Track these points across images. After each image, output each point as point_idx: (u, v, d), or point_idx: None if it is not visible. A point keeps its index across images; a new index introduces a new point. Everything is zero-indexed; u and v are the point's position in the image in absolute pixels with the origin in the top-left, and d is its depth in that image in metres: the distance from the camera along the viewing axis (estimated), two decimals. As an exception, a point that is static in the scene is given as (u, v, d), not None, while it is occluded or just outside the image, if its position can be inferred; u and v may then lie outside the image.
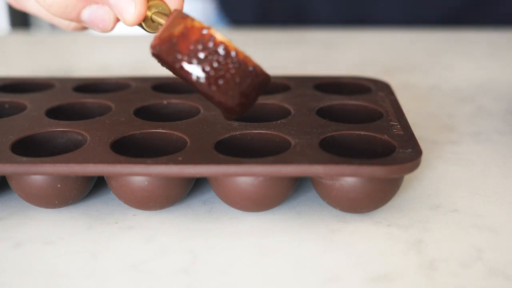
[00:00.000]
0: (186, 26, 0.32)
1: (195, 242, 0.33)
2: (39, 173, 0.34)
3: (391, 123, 0.39)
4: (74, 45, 0.87)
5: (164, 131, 0.38)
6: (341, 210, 0.35)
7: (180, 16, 0.33)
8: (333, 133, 0.37)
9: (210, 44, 0.32)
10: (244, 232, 0.34)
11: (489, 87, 0.60)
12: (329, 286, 0.29)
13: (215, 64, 0.32)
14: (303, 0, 0.86)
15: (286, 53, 0.76)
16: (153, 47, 0.33)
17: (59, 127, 0.39)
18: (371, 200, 0.34)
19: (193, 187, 0.38)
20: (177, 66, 0.32)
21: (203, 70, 0.32)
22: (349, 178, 0.33)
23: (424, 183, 0.39)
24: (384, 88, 0.46)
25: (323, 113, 0.41)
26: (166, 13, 0.36)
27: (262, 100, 0.44)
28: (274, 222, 0.35)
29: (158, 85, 0.49)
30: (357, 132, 0.37)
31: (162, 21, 0.35)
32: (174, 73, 0.34)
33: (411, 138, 0.36)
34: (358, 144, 0.37)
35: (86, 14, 0.37)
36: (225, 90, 0.32)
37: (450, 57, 0.73)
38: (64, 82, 0.50)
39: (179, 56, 0.32)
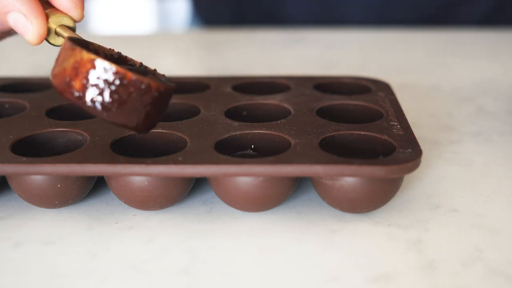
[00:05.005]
0: (76, 59, 0.32)
1: (195, 242, 0.33)
2: (39, 173, 0.34)
3: (391, 123, 0.39)
4: (74, 45, 0.86)
5: (164, 131, 0.38)
6: (341, 210, 0.35)
7: (69, 47, 0.32)
8: (333, 133, 0.37)
9: (101, 73, 0.31)
10: (244, 232, 0.34)
11: (489, 87, 0.60)
12: (329, 286, 0.29)
13: (111, 91, 0.32)
14: (277, 0, 0.86)
15: (286, 53, 0.76)
16: (53, 84, 0.33)
17: (59, 127, 0.39)
18: (371, 200, 0.34)
19: (193, 187, 0.38)
20: (77, 101, 0.32)
21: (101, 100, 0.32)
22: (349, 178, 0.33)
23: (424, 183, 0.39)
24: (384, 88, 0.46)
25: (323, 113, 0.41)
26: (70, 26, 0.36)
27: (262, 100, 0.44)
28: (274, 222, 0.35)
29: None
30: (357, 132, 0.37)
31: (66, 34, 0.35)
32: None
33: (411, 138, 0.36)
34: (358, 144, 0.37)
35: (11, 18, 0.36)
36: (127, 113, 0.32)
37: (450, 57, 0.73)
38: (64, 82, 0.50)
39: (76, 93, 0.32)
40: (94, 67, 0.31)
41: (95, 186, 0.39)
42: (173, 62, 0.76)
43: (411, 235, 0.33)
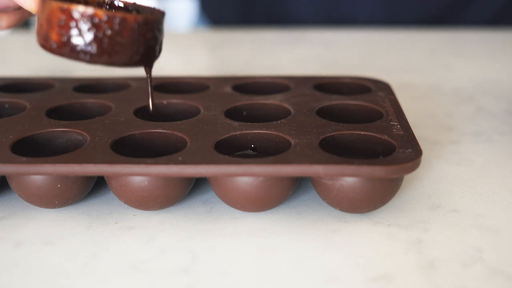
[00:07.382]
0: (48, 11, 0.31)
1: (195, 242, 0.33)
2: (39, 173, 0.34)
3: (391, 123, 0.39)
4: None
5: (164, 131, 0.38)
6: (341, 210, 0.35)
7: (41, 2, 0.32)
8: (333, 133, 0.37)
9: (71, 18, 0.31)
10: (244, 232, 0.34)
11: (489, 87, 0.60)
12: (329, 286, 0.29)
13: (86, 34, 0.31)
14: (283, 0, 0.86)
15: (286, 53, 0.76)
16: (38, 42, 0.32)
17: (59, 127, 0.39)
18: (371, 200, 0.34)
19: (193, 187, 0.38)
20: (59, 51, 0.31)
21: (79, 44, 0.31)
22: (349, 178, 0.33)
23: (424, 183, 0.39)
24: (384, 88, 0.46)
25: (323, 113, 0.41)
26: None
27: (262, 100, 0.44)
28: (274, 222, 0.35)
29: (158, 85, 0.49)
30: (357, 132, 0.37)
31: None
32: None
33: (411, 138, 0.36)
34: (358, 144, 0.37)
35: None
36: (111, 51, 0.32)
37: (450, 57, 0.73)
38: (64, 82, 0.50)
39: (54, 44, 0.31)
40: (63, 13, 0.31)
41: (95, 186, 0.39)
42: (174, 62, 0.76)
43: (411, 235, 0.33)
